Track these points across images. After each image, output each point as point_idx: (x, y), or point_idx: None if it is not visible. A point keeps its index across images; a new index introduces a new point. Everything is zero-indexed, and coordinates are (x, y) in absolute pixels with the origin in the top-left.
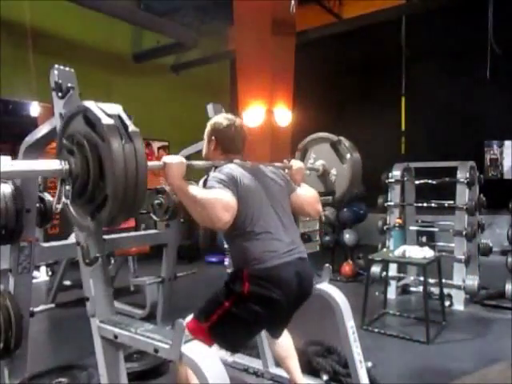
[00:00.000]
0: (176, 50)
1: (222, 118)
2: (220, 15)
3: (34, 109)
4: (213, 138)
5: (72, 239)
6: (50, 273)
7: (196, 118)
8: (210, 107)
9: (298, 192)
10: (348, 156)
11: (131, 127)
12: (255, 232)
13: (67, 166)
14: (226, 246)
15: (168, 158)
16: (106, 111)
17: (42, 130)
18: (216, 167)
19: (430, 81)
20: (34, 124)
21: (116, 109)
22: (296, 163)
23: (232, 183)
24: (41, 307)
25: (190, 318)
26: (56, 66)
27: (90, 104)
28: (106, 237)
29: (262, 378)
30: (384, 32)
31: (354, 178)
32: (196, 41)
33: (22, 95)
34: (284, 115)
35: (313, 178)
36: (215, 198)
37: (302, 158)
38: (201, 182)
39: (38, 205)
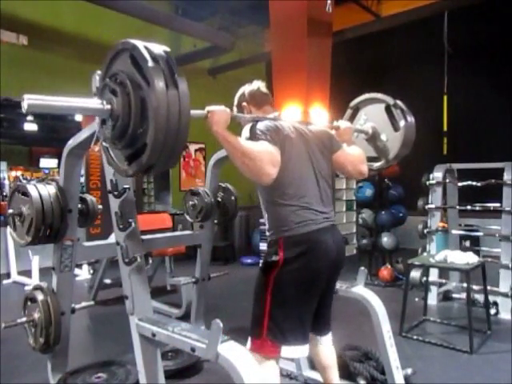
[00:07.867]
0: (213, 54)
1: (244, 86)
2: (256, 18)
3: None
4: (244, 104)
5: (112, 239)
6: (91, 271)
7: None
8: None
9: (344, 149)
10: (402, 123)
11: (178, 73)
12: (294, 197)
13: (109, 106)
14: (263, 215)
15: (212, 107)
16: (153, 52)
17: (84, 133)
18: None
19: (474, 79)
20: (78, 128)
21: (164, 51)
22: (344, 123)
23: (278, 139)
24: (82, 304)
25: (249, 342)
26: (98, 72)
27: (137, 43)
28: (143, 237)
29: (296, 380)
30: (424, 29)
31: (403, 148)
32: (233, 44)
33: None
34: (320, 116)
35: (359, 141)
36: (264, 150)
37: (352, 118)
38: (247, 128)
39: (79, 205)
